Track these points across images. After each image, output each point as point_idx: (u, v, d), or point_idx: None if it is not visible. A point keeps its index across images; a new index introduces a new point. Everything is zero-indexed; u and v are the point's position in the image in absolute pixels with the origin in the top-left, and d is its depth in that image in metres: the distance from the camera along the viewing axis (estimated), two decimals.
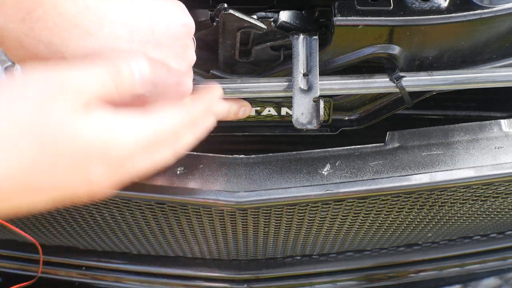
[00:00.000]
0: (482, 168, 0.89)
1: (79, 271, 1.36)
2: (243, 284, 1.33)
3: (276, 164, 0.91)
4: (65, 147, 0.62)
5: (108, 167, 0.67)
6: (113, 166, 0.67)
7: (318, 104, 0.90)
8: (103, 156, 0.65)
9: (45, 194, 0.64)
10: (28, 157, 0.60)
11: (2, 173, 0.59)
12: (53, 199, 0.65)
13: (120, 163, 0.67)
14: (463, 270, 1.35)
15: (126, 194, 0.89)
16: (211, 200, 0.89)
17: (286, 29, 0.94)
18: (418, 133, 0.92)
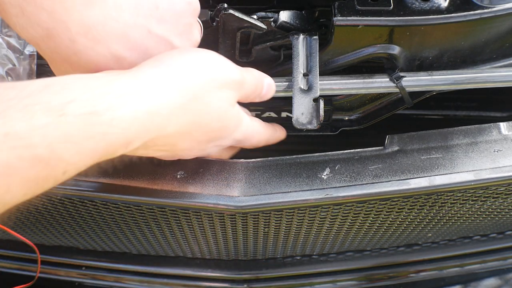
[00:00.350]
0: (481, 172, 0.89)
1: (79, 271, 1.36)
2: (243, 284, 1.33)
3: (275, 168, 0.91)
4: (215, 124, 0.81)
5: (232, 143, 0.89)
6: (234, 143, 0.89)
7: (318, 104, 0.90)
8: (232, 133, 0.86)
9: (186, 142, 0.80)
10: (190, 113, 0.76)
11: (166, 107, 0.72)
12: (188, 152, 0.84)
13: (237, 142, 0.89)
14: (463, 270, 1.35)
15: (127, 199, 0.89)
16: (211, 204, 0.88)
17: (286, 29, 0.94)
18: (417, 137, 0.92)
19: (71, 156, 0.63)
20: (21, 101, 0.61)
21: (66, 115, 0.62)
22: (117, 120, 0.65)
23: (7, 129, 0.59)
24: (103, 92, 0.66)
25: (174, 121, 0.74)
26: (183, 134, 0.78)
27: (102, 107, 0.64)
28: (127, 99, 0.67)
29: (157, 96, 0.71)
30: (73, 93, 0.64)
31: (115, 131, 0.66)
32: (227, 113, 0.82)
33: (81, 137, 0.63)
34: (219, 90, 0.79)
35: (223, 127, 0.83)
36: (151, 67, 0.74)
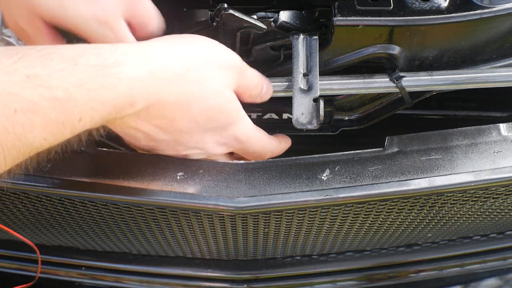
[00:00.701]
0: (481, 173, 0.89)
1: (79, 271, 1.36)
2: (243, 284, 1.33)
3: (275, 169, 0.91)
4: (212, 101, 0.83)
5: (233, 142, 0.91)
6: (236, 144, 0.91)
7: (318, 104, 0.90)
8: (231, 123, 0.88)
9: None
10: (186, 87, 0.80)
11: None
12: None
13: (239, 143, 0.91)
14: (463, 270, 1.35)
15: (127, 199, 0.89)
16: (211, 205, 0.88)
17: (286, 29, 0.94)
18: (417, 138, 0.92)
19: (86, 102, 0.68)
20: (38, 51, 0.67)
21: (79, 64, 0.68)
22: (123, 74, 0.71)
23: (28, 71, 0.64)
24: (110, 50, 0.72)
25: (173, 88, 0.78)
26: (181, 106, 0.81)
27: (110, 62, 0.71)
28: (131, 58, 0.73)
29: (158, 60, 0.76)
30: (83, 49, 0.70)
31: (122, 83, 0.71)
32: (224, 92, 0.85)
33: (94, 85, 0.68)
34: (218, 69, 0.83)
35: (221, 109, 0.85)
36: (152, 40, 0.81)
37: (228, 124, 0.88)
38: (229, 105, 0.87)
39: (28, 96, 0.63)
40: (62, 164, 0.88)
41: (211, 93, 0.83)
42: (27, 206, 1.02)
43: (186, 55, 0.80)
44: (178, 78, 0.78)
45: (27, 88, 0.63)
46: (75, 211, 1.02)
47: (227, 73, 0.85)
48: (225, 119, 0.87)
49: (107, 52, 0.72)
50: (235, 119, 0.89)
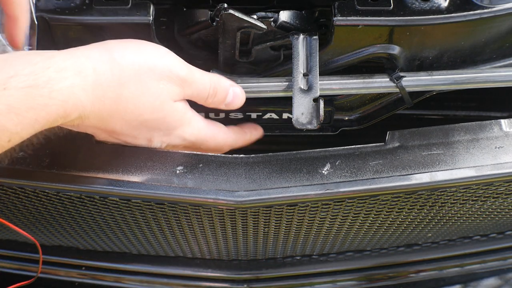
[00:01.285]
0: (482, 168, 0.89)
1: (79, 271, 1.36)
2: (243, 284, 1.33)
3: (276, 163, 0.91)
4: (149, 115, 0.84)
5: (182, 142, 0.91)
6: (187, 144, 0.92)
7: (318, 104, 0.91)
8: (174, 129, 0.88)
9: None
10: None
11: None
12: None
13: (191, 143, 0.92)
14: (463, 270, 1.35)
15: (126, 193, 0.89)
16: (211, 199, 0.88)
17: (286, 29, 0.94)
18: (419, 133, 0.92)
19: (14, 126, 0.69)
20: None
21: (8, 89, 0.68)
22: (55, 93, 0.71)
23: None
24: (43, 66, 0.71)
25: (108, 104, 0.79)
26: (116, 118, 0.81)
27: (42, 80, 0.70)
28: (65, 75, 0.73)
29: (94, 75, 0.76)
30: (15, 68, 0.69)
31: (54, 102, 0.71)
32: (163, 106, 0.85)
33: (23, 109, 0.69)
34: (157, 80, 0.83)
35: (159, 119, 0.86)
36: (92, 48, 0.80)
37: (171, 129, 0.89)
38: (169, 116, 0.87)
39: None
40: (60, 159, 0.88)
41: (147, 108, 0.83)
42: (25, 205, 1.02)
43: (123, 68, 0.80)
44: (113, 94, 0.79)
45: None
46: (74, 210, 1.02)
47: (168, 86, 0.85)
48: (166, 126, 0.88)
49: (40, 68, 0.71)
50: (178, 124, 0.89)
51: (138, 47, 0.84)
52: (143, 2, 0.90)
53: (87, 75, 0.75)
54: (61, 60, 0.74)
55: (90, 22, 0.90)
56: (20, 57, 0.72)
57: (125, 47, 0.82)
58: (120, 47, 0.82)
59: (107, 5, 0.90)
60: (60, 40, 0.92)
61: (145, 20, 0.89)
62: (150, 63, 0.83)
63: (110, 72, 0.78)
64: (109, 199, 0.94)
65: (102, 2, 0.90)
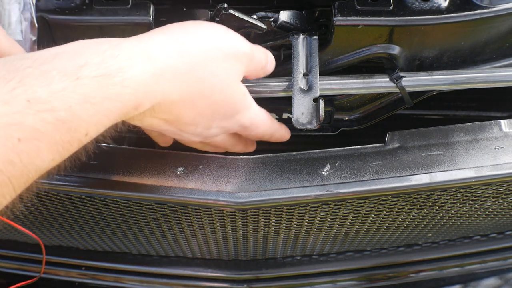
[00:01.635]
0: (482, 169, 0.89)
1: (79, 271, 1.36)
2: (243, 284, 1.33)
3: (276, 164, 0.91)
4: (218, 97, 0.82)
5: (237, 128, 0.89)
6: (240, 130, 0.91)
7: (318, 104, 0.91)
8: (237, 113, 0.87)
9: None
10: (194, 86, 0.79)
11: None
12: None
13: (243, 129, 0.91)
14: (463, 270, 1.35)
15: (126, 195, 0.89)
16: (211, 200, 0.89)
17: (286, 29, 0.94)
18: (418, 134, 0.92)
19: (90, 117, 0.67)
20: (37, 68, 0.64)
21: (81, 78, 0.66)
22: (127, 81, 0.69)
23: (28, 95, 0.62)
24: (112, 54, 0.70)
25: (178, 87, 0.77)
26: (187, 103, 0.80)
27: (113, 69, 0.69)
28: (134, 61, 0.71)
29: (162, 60, 0.74)
30: (84, 57, 0.68)
31: (127, 91, 0.70)
32: (230, 85, 0.84)
33: (98, 98, 0.67)
34: (223, 60, 0.82)
35: (226, 101, 0.85)
36: (157, 33, 0.79)
37: (234, 113, 0.87)
38: (236, 98, 0.86)
39: (30, 123, 0.62)
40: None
41: (216, 89, 0.82)
42: (26, 205, 1.02)
43: (191, 50, 0.78)
44: (183, 76, 0.77)
45: (29, 115, 0.62)
46: (74, 210, 1.02)
47: (235, 65, 0.84)
48: (231, 110, 0.86)
49: (109, 57, 0.69)
50: (241, 108, 0.88)
51: (201, 28, 0.83)
52: (143, 2, 0.90)
53: (156, 60, 0.74)
54: (129, 47, 0.72)
55: (90, 22, 0.89)
56: (88, 46, 0.71)
57: (190, 29, 0.82)
58: (185, 29, 0.81)
59: (107, 5, 0.90)
60: (60, 40, 0.92)
61: (145, 20, 0.89)
62: (217, 43, 0.82)
63: (179, 55, 0.77)
64: (109, 200, 0.94)
65: (102, 2, 0.90)
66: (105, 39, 0.74)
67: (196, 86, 0.79)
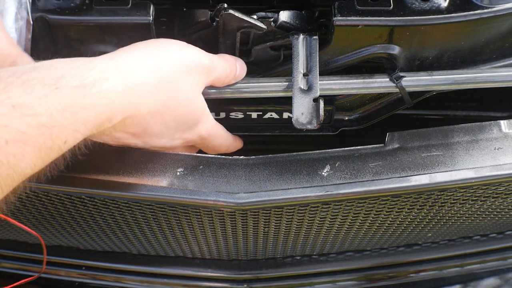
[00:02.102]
0: (481, 169, 0.89)
1: (79, 271, 1.36)
2: (243, 284, 1.33)
3: (275, 165, 0.91)
4: (183, 109, 0.86)
5: (196, 138, 0.93)
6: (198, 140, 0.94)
7: (318, 104, 0.91)
8: (197, 123, 0.91)
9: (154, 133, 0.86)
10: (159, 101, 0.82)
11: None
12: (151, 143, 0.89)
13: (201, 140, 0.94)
14: (463, 270, 1.35)
15: (127, 195, 0.89)
16: (211, 201, 0.89)
17: (286, 29, 0.94)
18: (418, 134, 0.92)
19: (70, 125, 0.70)
20: (19, 78, 0.68)
21: (60, 88, 0.69)
22: (102, 93, 0.73)
23: (12, 101, 0.65)
24: (86, 68, 0.73)
25: (148, 101, 0.80)
26: (155, 116, 0.83)
27: (89, 81, 0.72)
28: (108, 75, 0.74)
29: (134, 75, 0.78)
30: (61, 70, 0.71)
31: (102, 102, 0.73)
32: (193, 98, 0.89)
33: (75, 107, 0.70)
34: (187, 74, 0.86)
35: (190, 113, 0.89)
36: (127, 51, 0.82)
37: (194, 124, 0.91)
38: (197, 109, 0.90)
39: (16, 126, 0.65)
40: (60, 160, 0.88)
41: (181, 101, 0.86)
42: (26, 205, 1.02)
43: (158, 65, 0.82)
44: (153, 90, 0.81)
45: (15, 118, 0.65)
46: (74, 210, 1.02)
47: (197, 77, 0.88)
48: (193, 121, 0.90)
49: (84, 70, 0.73)
50: (201, 119, 0.92)
51: (166, 45, 0.86)
52: (143, 2, 0.90)
53: (127, 74, 0.77)
54: (102, 63, 0.76)
55: (90, 22, 0.90)
56: (63, 62, 0.74)
57: (155, 46, 0.85)
58: (151, 47, 0.84)
59: (107, 5, 0.90)
60: (60, 40, 0.92)
61: (145, 20, 0.89)
62: (180, 58, 0.85)
63: (148, 71, 0.80)
64: (110, 200, 0.94)
65: (102, 2, 0.90)
66: (76, 58, 0.77)
67: (164, 100, 0.83)
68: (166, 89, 0.83)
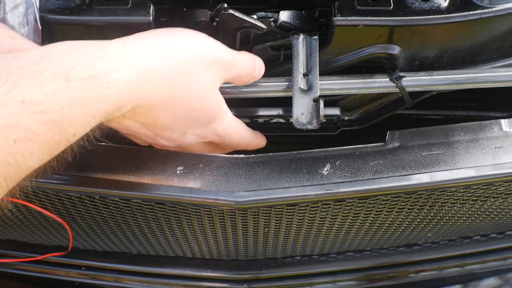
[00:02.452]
0: (482, 168, 0.89)
1: (79, 271, 1.36)
2: (243, 284, 1.33)
3: (276, 163, 0.91)
4: (196, 103, 0.84)
5: (212, 136, 0.91)
6: (215, 138, 0.92)
7: (318, 104, 0.91)
8: (213, 121, 0.88)
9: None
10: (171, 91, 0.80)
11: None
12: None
13: (218, 137, 0.92)
14: (463, 270, 1.35)
15: (126, 194, 0.89)
16: (211, 199, 0.89)
17: (286, 29, 0.94)
18: (419, 133, 0.92)
19: (80, 118, 0.69)
20: (29, 69, 0.66)
21: (71, 80, 0.68)
22: (113, 82, 0.71)
23: (23, 96, 0.64)
24: (98, 56, 0.71)
25: (159, 91, 0.78)
26: (165, 108, 0.81)
27: (100, 71, 0.70)
28: (120, 64, 0.73)
29: (146, 63, 0.76)
30: (73, 59, 0.69)
31: (113, 93, 0.71)
32: (210, 93, 0.86)
33: (86, 100, 0.68)
34: (205, 68, 0.83)
35: (204, 108, 0.86)
36: (141, 37, 0.80)
37: (210, 121, 0.89)
38: (213, 105, 0.87)
39: (26, 125, 0.64)
40: (59, 159, 0.88)
41: (196, 95, 0.83)
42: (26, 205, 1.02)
43: (173, 55, 0.80)
44: (165, 81, 0.78)
45: (24, 116, 0.64)
46: (74, 210, 1.02)
47: (214, 72, 0.85)
48: (207, 118, 0.88)
49: (96, 59, 0.71)
50: (217, 116, 0.89)
51: (184, 35, 0.84)
52: (143, 2, 0.90)
53: (140, 63, 0.75)
54: (114, 50, 0.74)
55: (90, 22, 0.89)
56: (75, 47, 0.72)
57: (173, 35, 0.83)
58: (168, 35, 0.82)
59: (107, 5, 0.90)
60: (60, 40, 0.92)
61: (145, 20, 0.89)
62: (199, 50, 0.83)
63: (162, 60, 0.78)
64: (109, 199, 0.94)
65: (102, 2, 0.90)
66: (90, 41, 0.75)
67: (176, 92, 0.81)
68: (180, 81, 0.80)
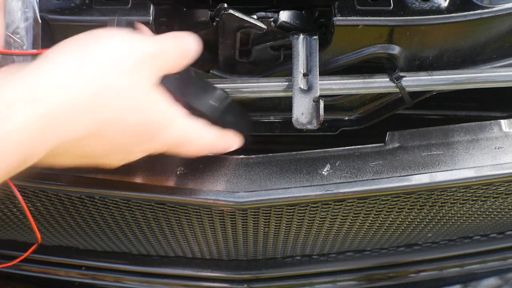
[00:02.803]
0: (482, 168, 0.89)
1: (79, 271, 1.36)
2: (243, 284, 1.33)
3: (276, 164, 0.91)
4: (132, 119, 0.71)
5: (165, 148, 0.79)
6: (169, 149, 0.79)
7: (318, 104, 0.90)
8: (160, 131, 0.76)
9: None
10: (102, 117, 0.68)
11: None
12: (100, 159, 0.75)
13: (173, 147, 0.79)
14: (463, 270, 1.36)
15: (126, 194, 0.89)
16: (211, 200, 0.89)
17: (286, 29, 0.94)
18: (418, 133, 0.92)
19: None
20: None
21: None
22: (11, 133, 0.61)
23: None
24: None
25: (82, 120, 0.67)
26: (97, 137, 0.70)
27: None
28: (18, 108, 0.62)
29: (55, 96, 0.64)
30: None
31: (12, 146, 0.62)
32: (145, 101, 0.73)
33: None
34: (131, 73, 0.71)
35: (143, 122, 0.74)
36: (46, 61, 0.68)
37: (153, 134, 0.76)
38: (151, 116, 0.75)
39: None
40: None
41: (128, 111, 0.71)
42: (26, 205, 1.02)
43: (87, 73, 0.67)
44: (85, 109, 0.67)
45: None
46: (74, 210, 1.02)
47: (144, 72, 0.72)
48: (150, 131, 0.75)
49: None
50: (161, 126, 0.76)
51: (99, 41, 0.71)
52: (143, 2, 0.89)
53: (43, 99, 0.63)
54: (11, 90, 0.63)
55: (90, 22, 0.89)
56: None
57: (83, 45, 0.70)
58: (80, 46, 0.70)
59: (107, 5, 0.89)
60: (60, 40, 0.92)
61: (145, 20, 0.89)
62: (118, 54, 0.70)
63: (74, 85, 0.66)
64: (109, 199, 0.94)
65: (102, 2, 0.89)
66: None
67: (104, 117, 0.69)
68: (104, 103, 0.68)
